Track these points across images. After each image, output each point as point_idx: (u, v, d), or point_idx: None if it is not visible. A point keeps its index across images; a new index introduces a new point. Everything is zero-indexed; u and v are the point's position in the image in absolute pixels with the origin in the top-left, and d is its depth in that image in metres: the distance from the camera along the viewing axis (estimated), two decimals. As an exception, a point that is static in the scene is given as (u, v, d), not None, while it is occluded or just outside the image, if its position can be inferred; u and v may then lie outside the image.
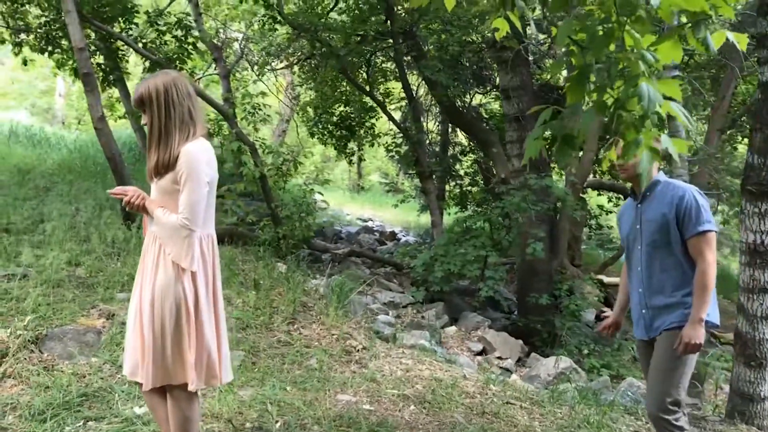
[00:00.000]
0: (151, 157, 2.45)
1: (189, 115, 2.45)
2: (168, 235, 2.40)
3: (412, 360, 4.61)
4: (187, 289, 2.43)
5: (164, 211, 2.42)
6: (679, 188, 2.75)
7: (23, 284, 4.45)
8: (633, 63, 1.61)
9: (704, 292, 2.62)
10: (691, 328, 2.61)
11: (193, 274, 2.44)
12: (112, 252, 5.46)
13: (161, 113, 2.38)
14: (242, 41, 12.97)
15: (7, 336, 3.79)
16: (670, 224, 2.71)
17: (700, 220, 2.65)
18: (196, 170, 2.37)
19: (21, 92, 22.29)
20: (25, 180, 7.10)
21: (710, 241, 2.67)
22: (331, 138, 12.48)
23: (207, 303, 2.52)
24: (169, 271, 2.41)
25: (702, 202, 2.69)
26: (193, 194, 2.36)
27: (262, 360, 4.10)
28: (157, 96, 2.38)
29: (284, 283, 5.55)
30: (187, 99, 2.47)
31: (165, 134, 2.40)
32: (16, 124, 11.53)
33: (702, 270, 2.64)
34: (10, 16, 8.30)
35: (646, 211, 2.84)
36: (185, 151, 2.38)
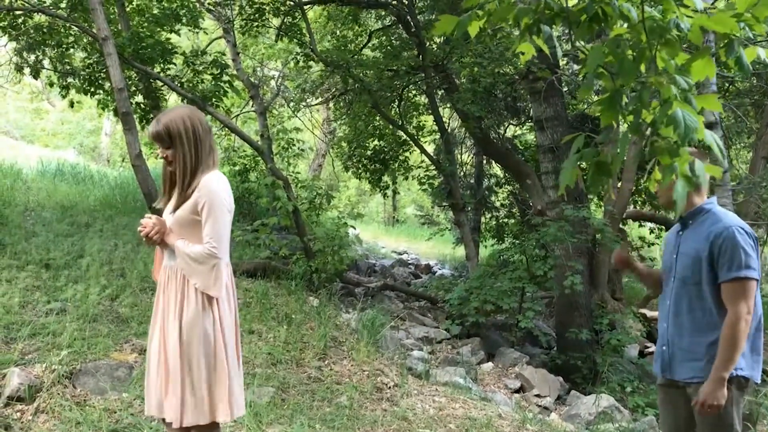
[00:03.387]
0: (174, 192, 2.46)
1: (210, 149, 2.47)
2: (193, 265, 2.39)
3: (445, 398, 4.48)
4: (215, 319, 2.41)
5: (186, 243, 2.41)
6: (720, 222, 2.44)
7: (60, 319, 4.53)
8: (665, 87, 1.54)
9: (731, 347, 2.31)
10: (710, 387, 2.32)
11: (220, 304, 2.43)
12: (147, 287, 5.53)
13: (190, 147, 2.38)
14: (278, 79, 13.29)
15: (42, 371, 3.84)
16: (703, 262, 2.41)
17: (737, 263, 2.33)
18: (219, 200, 2.37)
19: (70, 132, 23.26)
20: (67, 216, 7.30)
21: (747, 291, 2.32)
22: (365, 172, 12.55)
23: (233, 332, 2.50)
24: (197, 302, 2.40)
25: (743, 243, 2.35)
26: (218, 223, 2.36)
27: (291, 396, 4.04)
28: (186, 131, 2.38)
29: (316, 318, 5.51)
30: (208, 133, 2.48)
31: (192, 168, 2.40)
32: (62, 163, 11.98)
33: (731, 322, 2.32)
34: (58, 60, 8.70)
35: (684, 242, 2.57)
36: (206, 181, 2.38)
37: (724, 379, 2.32)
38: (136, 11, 8.69)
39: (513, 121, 12.26)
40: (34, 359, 3.98)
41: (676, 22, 1.55)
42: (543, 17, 1.69)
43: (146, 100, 7.83)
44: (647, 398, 6.44)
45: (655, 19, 1.53)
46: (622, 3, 1.53)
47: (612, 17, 1.57)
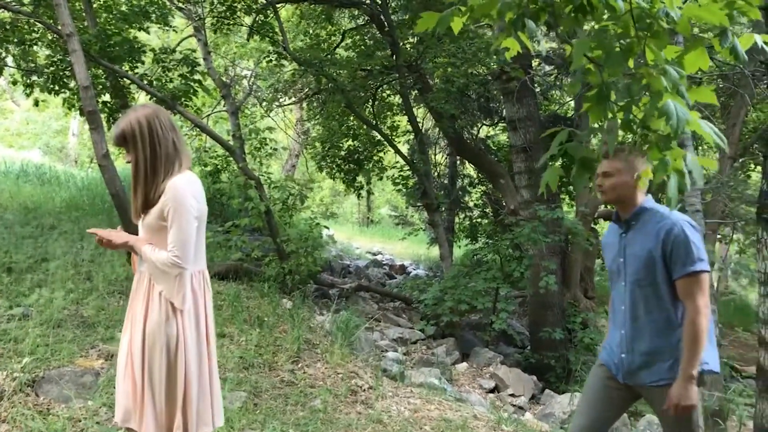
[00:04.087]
0: (138, 196, 2.36)
1: (174, 148, 2.36)
2: (158, 272, 2.31)
3: (420, 399, 4.45)
4: (179, 329, 2.34)
5: (152, 248, 2.33)
6: (667, 220, 2.40)
7: (23, 324, 4.37)
8: (655, 79, 1.51)
9: (695, 343, 2.29)
10: (681, 387, 2.29)
11: (184, 314, 2.35)
12: (115, 290, 5.38)
13: (146, 149, 2.29)
14: (251, 78, 13.12)
15: (3, 379, 3.69)
16: (657, 262, 2.39)
17: (690, 258, 2.32)
18: (183, 205, 2.27)
19: (35, 132, 22.65)
20: (30, 218, 7.08)
21: (702, 283, 2.32)
22: (339, 172, 12.48)
23: (197, 344, 2.42)
24: (160, 310, 2.32)
25: (693, 237, 2.35)
26: (182, 231, 2.27)
27: (264, 401, 3.96)
28: (141, 131, 2.29)
29: (289, 320, 5.42)
30: (171, 131, 2.37)
31: (151, 171, 2.31)
32: (26, 163, 11.64)
33: (692, 318, 2.30)
34: (21, 58, 8.44)
35: (630, 244, 2.51)
36: (171, 185, 2.29)
37: (693, 377, 2.30)
38: (103, 8, 8.47)
39: (486, 122, 12.32)
40: (-6, 367, 3.83)
41: (665, 11, 1.51)
42: (527, 11, 1.65)
43: (114, 99, 7.64)
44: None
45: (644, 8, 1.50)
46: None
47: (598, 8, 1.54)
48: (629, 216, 2.52)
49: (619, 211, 2.57)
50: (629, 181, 2.46)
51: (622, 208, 2.54)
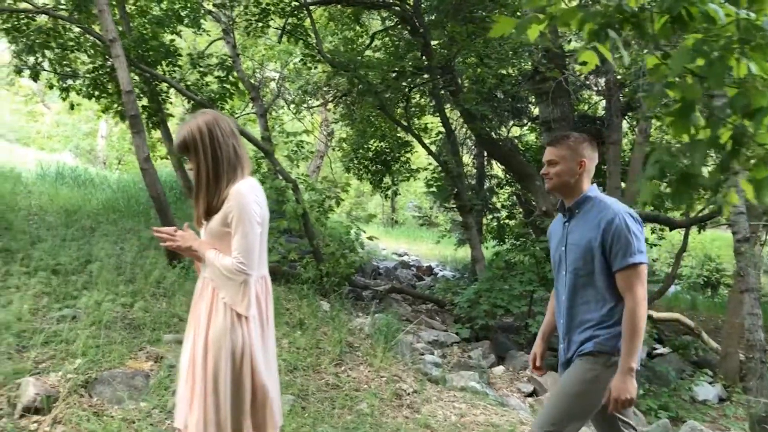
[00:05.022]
0: (200, 203, 2.36)
1: (235, 153, 2.36)
2: (223, 279, 2.31)
3: (465, 404, 4.43)
4: (244, 336, 2.34)
5: (217, 254, 2.34)
6: (609, 210, 2.36)
7: (73, 326, 4.44)
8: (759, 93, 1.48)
9: (634, 335, 2.24)
10: (621, 381, 2.23)
11: (249, 321, 2.36)
12: (157, 292, 5.44)
13: (207, 156, 2.30)
14: (279, 80, 13.20)
15: (58, 380, 3.76)
16: (595, 252, 2.34)
17: (630, 250, 2.28)
18: (247, 212, 2.28)
19: (65, 135, 23.07)
20: (71, 220, 7.20)
21: (641, 275, 2.29)
22: (366, 173, 12.50)
23: (263, 349, 2.43)
24: (225, 317, 2.33)
25: (634, 229, 2.32)
26: (246, 238, 2.27)
27: (311, 404, 3.98)
28: (202, 138, 2.30)
29: (329, 323, 5.44)
30: (231, 137, 2.38)
31: (214, 178, 2.31)
32: (62, 166, 11.85)
33: (631, 310, 2.24)
34: (58, 63, 8.59)
35: (572, 232, 2.47)
36: (234, 192, 2.29)
37: (632, 370, 2.25)
38: (138, 13, 8.59)
39: (515, 122, 12.25)
40: (48, 368, 3.90)
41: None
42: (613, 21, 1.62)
43: (150, 103, 7.74)
44: (659, 401, 6.42)
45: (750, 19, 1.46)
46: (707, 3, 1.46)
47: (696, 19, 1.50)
48: (572, 204, 2.49)
49: (563, 199, 2.53)
50: (573, 169, 2.44)
51: (567, 196, 2.50)
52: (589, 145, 2.49)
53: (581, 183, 2.46)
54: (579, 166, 2.43)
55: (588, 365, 2.35)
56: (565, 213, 2.53)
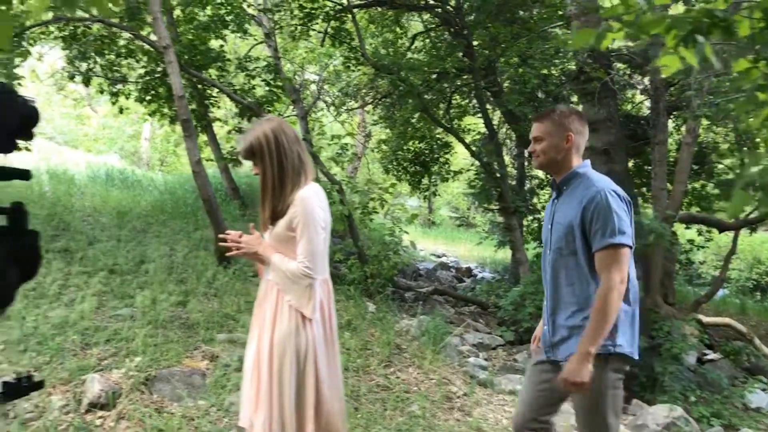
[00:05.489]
0: (266, 207, 2.43)
1: (299, 159, 2.42)
2: (288, 282, 2.37)
3: (515, 408, 4.40)
4: (308, 338, 2.39)
5: (282, 258, 2.39)
6: (592, 186, 2.23)
7: (131, 324, 4.59)
8: None
9: (601, 319, 2.11)
10: (575, 362, 2.14)
11: (314, 324, 2.40)
12: (209, 292, 5.58)
13: (273, 162, 2.35)
14: (319, 83, 13.33)
15: (120, 377, 3.90)
16: (576, 231, 2.23)
17: (610, 229, 2.14)
18: (312, 217, 2.33)
19: (111, 137, 23.76)
20: (123, 221, 7.43)
21: (620, 258, 2.13)
22: (405, 174, 12.51)
23: (326, 353, 2.47)
24: (290, 320, 2.38)
25: (617, 207, 2.16)
26: (311, 242, 2.33)
27: (363, 405, 4.02)
28: (268, 145, 2.36)
29: (377, 324, 5.48)
30: (296, 144, 2.43)
31: (279, 183, 2.37)
32: (111, 168, 12.22)
33: (603, 293, 2.12)
34: (109, 69, 8.87)
35: (558, 210, 2.37)
36: (300, 197, 2.35)
37: (590, 354, 2.13)
38: (184, 19, 8.80)
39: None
40: (110, 365, 4.04)
41: None
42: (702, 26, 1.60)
43: (198, 107, 7.93)
44: (711, 408, 6.27)
45: None
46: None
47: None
48: (560, 181, 2.39)
49: (553, 176, 2.44)
50: (560, 144, 2.33)
51: (555, 173, 2.41)
52: (576, 118, 2.38)
53: (569, 159, 2.35)
54: (566, 141, 2.33)
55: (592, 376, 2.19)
56: (554, 190, 2.44)
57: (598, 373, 2.18)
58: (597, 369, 2.18)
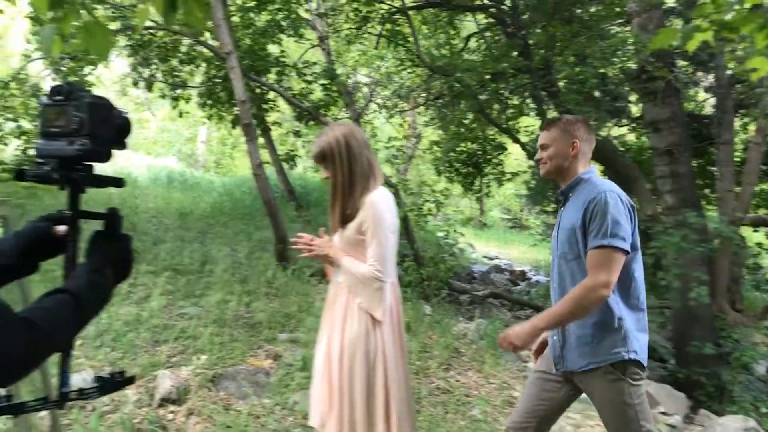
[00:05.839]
0: (336, 210, 2.47)
1: (369, 164, 2.45)
2: (359, 285, 2.40)
3: (579, 415, 4.31)
4: (378, 341, 2.41)
5: (352, 261, 2.43)
6: (594, 189, 2.22)
7: (197, 323, 4.73)
8: None
9: (567, 309, 2.12)
10: (520, 327, 2.23)
11: (384, 327, 2.43)
12: (270, 292, 5.69)
13: (344, 166, 2.39)
14: (371, 85, 13.41)
15: (189, 374, 4.02)
16: (578, 232, 2.21)
17: (603, 231, 2.11)
18: (382, 221, 2.36)
19: (168, 140, 24.60)
20: (186, 223, 7.67)
21: (610, 261, 2.10)
22: (458, 175, 12.44)
23: (395, 355, 2.49)
24: (360, 321, 2.41)
25: (613, 210, 2.12)
26: (381, 246, 2.36)
27: (424, 408, 4.02)
28: (339, 149, 2.39)
29: (436, 327, 5.47)
30: (365, 149, 2.47)
31: (349, 187, 2.40)
32: (171, 170, 12.64)
33: (584, 286, 2.10)
34: (170, 74, 9.17)
35: (563, 217, 2.38)
36: (369, 202, 2.38)
37: (537, 329, 2.20)
38: (242, 25, 9.01)
39: (614, 122, 11.79)
40: (179, 362, 4.18)
41: None
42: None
43: (257, 112, 8.10)
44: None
45: None
46: None
47: None
48: (566, 187, 2.38)
49: (560, 183, 2.42)
50: (566, 151, 2.33)
51: (562, 180, 2.40)
52: (582, 126, 2.38)
53: (575, 166, 2.35)
54: (571, 147, 2.33)
55: (612, 388, 2.19)
56: (560, 197, 2.44)
57: (619, 386, 2.17)
58: (616, 381, 2.17)
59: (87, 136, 1.28)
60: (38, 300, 1.17)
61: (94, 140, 1.28)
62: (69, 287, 1.21)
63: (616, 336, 2.18)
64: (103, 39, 1.42)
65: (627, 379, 2.17)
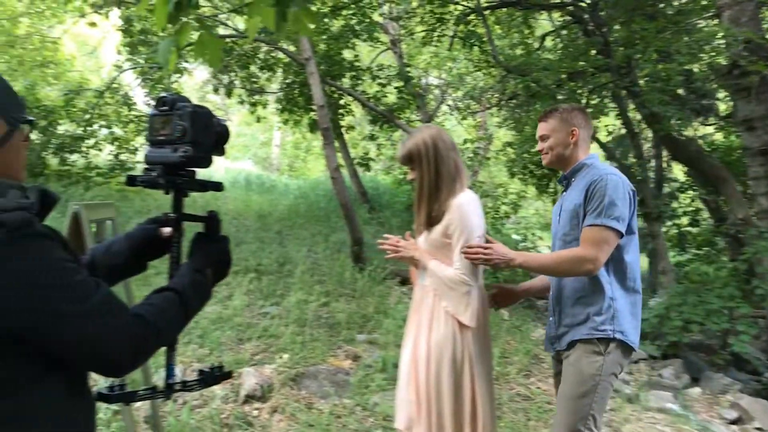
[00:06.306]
0: (421, 212, 2.47)
1: (455, 167, 2.44)
2: (446, 289, 2.39)
3: (669, 428, 4.14)
4: (465, 345, 2.39)
5: (439, 264, 2.42)
6: (596, 173, 2.27)
7: (278, 322, 4.86)
8: None
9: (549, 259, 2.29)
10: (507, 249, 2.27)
11: (471, 332, 2.40)
12: (347, 294, 5.76)
13: (431, 168, 2.39)
14: (443, 87, 13.35)
15: (271, 372, 4.13)
16: (579, 215, 2.26)
17: (599, 210, 2.16)
18: (469, 224, 2.35)
19: (244, 144, 25.44)
20: (264, 224, 7.89)
21: (602, 239, 2.15)
22: (532, 177, 12.17)
23: (482, 360, 2.46)
24: (447, 325, 2.39)
25: (613, 192, 2.17)
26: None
27: (506, 414, 3.95)
28: (426, 151, 2.40)
29: (514, 332, 5.37)
30: (452, 151, 2.47)
31: (435, 189, 2.40)
32: (249, 174, 13.06)
33: (573, 254, 2.19)
34: (247, 81, 9.48)
35: (565, 200, 2.42)
36: (456, 204, 2.36)
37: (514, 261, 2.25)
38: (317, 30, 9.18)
39: (700, 121, 11.20)
40: (262, 360, 4.30)
41: None
42: None
43: (333, 116, 8.24)
44: None
45: None
46: None
47: None
48: (568, 172, 2.43)
49: (562, 170, 2.48)
50: (565, 139, 2.39)
51: (563, 168, 2.45)
52: (579, 113, 2.44)
53: (576, 153, 2.40)
54: (571, 136, 2.38)
55: (588, 358, 2.24)
56: (563, 182, 2.49)
57: (594, 359, 2.22)
58: (594, 354, 2.22)
59: (189, 143, 1.35)
60: (147, 297, 1.24)
61: (196, 147, 1.35)
62: (174, 286, 1.28)
63: (606, 315, 2.23)
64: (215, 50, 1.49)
65: (606, 357, 2.22)
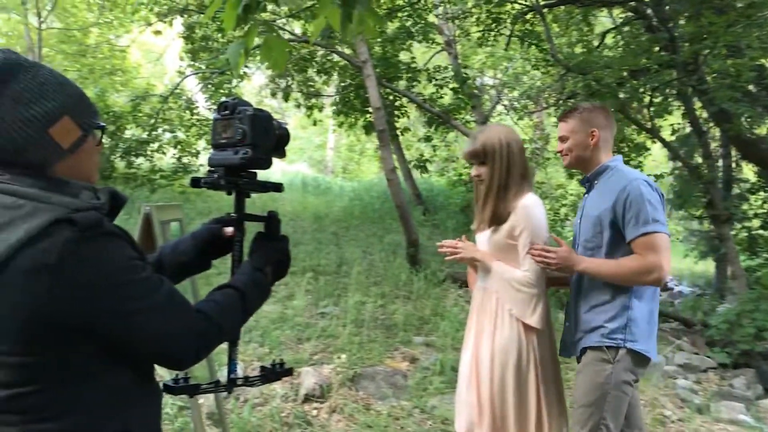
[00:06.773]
0: (486, 209, 2.44)
1: (524, 168, 2.42)
2: (511, 291, 2.36)
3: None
4: (531, 348, 2.35)
5: (502, 266, 2.38)
6: (623, 178, 2.21)
7: (335, 323, 4.90)
8: None
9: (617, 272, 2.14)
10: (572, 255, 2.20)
11: (538, 335, 2.36)
12: (403, 295, 5.76)
13: (503, 166, 2.37)
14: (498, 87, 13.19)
15: (329, 372, 4.17)
16: (603, 223, 2.20)
17: (643, 218, 2.10)
18: (537, 226, 2.32)
19: (300, 147, 25.89)
20: (321, 226, 8.00)
21: (657, 244, 2.08)
22: (590, 178, 11.86)
23: (549, 363, 2.41)
24: (511, 328, 2.36)
25: (649, 197, 2.12)
26: None
27: (567, 421, 3.85)
28: (500, 148, 2.37)
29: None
30: (522, 153, 2.45)
31: (504, 187, 2.37)
32: (305, 176, 13.28)
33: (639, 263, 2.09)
34: (304, 84, 9.62)
35: (588, 204, 2.36)
36: (523, 206, 2.33)
37: (574, 264, 2.19)
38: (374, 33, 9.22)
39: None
40: (321, 360, 4.35)
41: None
42: None
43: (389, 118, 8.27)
44: None
45: None
46: None
47: None
48: (591, 174, 2.37)
49: (584, 172, 2.43)
50: (585, 140, 2.33)
51: (585, 169, 2.40)
52: (601, 113, 2.37)
53: (598, 155, 2.34)
54: (590, 137, 2.32)
55: (596, 366, 2.21)
56: (585, 184, 2.44)
57: (603, 367, 2.19)
58: (603, 362, 2.19)
59: (249, 145, 1.39)
60: (210, 294, 1.28)
61: (255, 149, 1.39)
62: (236, 283, 1.32)
63: (619, 323, 2.19)
64: (280, 53, 1.52)
65: (618, 366, 2.18)
